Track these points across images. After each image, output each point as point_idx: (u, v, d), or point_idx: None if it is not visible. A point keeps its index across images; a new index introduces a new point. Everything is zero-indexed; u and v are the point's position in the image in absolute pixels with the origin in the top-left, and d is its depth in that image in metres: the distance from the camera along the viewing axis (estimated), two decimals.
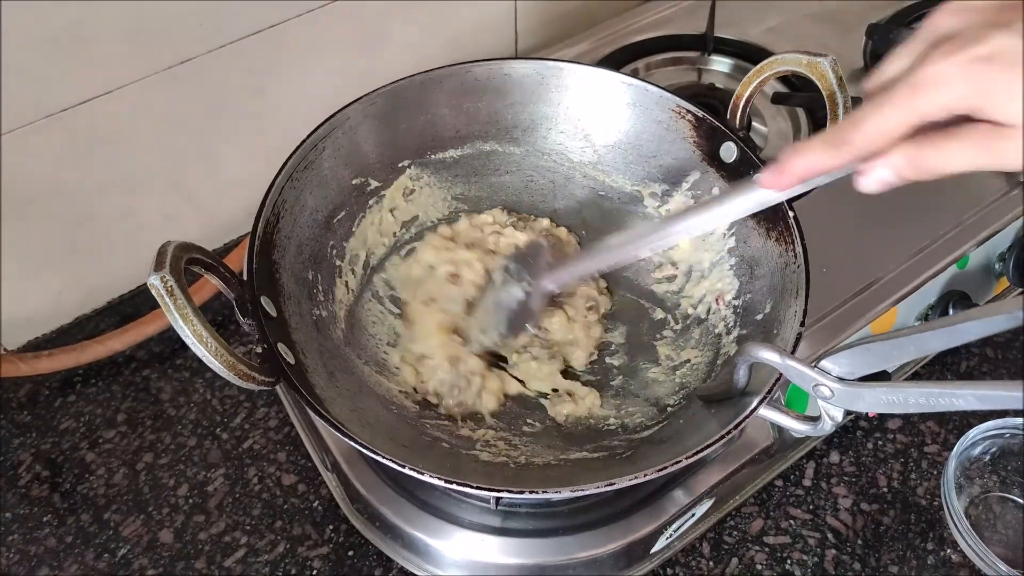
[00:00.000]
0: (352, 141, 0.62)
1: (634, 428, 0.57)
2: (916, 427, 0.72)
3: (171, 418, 0.73)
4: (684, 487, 0.60)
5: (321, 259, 0.60)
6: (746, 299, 0.59)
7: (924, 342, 0.39)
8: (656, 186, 0.66)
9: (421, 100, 0.64)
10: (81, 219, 0.74)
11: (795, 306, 0.52)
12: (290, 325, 0.53)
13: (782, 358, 0.46)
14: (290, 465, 0.69)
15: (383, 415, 0.55)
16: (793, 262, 0.55)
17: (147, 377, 0.75)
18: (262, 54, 0.74)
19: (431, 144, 0.66)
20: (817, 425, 0.49)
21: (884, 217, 0.74)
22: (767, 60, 0.58)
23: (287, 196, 0.57)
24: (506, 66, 0.65)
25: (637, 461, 0.51)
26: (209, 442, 0.71)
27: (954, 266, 0.71)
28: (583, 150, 0.68)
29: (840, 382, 0.44)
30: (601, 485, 0.45)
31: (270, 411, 0.73)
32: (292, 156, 0.58)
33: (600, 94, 0.65)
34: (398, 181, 0.66)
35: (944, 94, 0.35)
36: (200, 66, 0.71)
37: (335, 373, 0.54)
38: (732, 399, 0.51)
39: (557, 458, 0.54)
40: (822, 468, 0.69)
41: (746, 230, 0.60)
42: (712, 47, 0.89)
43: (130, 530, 0.65)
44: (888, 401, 0.43)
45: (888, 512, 0.67)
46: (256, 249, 0.53)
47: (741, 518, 0.67)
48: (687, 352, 0.61)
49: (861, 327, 0.67)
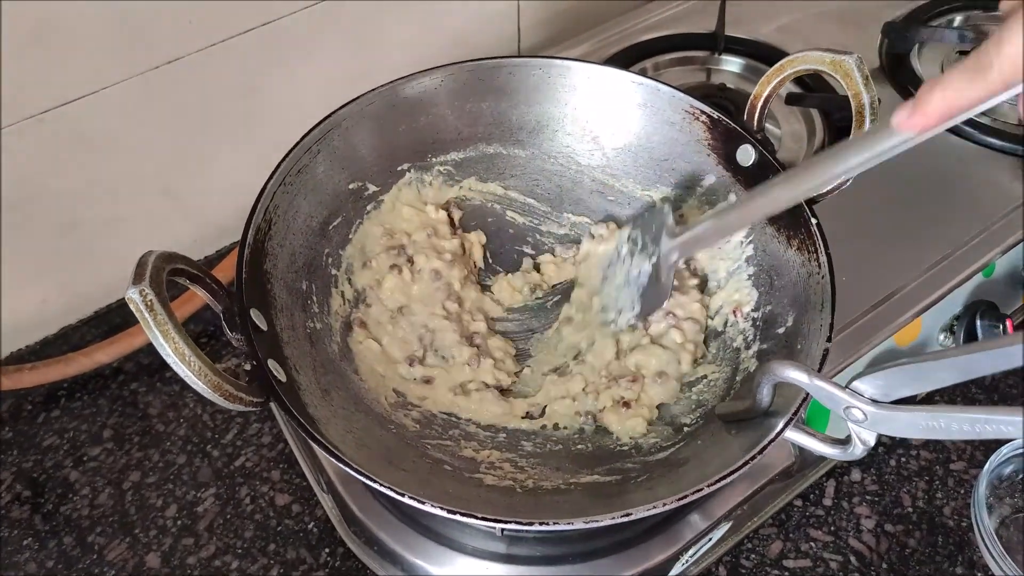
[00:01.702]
0: (348, 144, 0.59)
1: (648, 449, 0.53)
2: (941, 443, 0.68)
3: (160, 434, 0.69)
4: (701, 511, 0.56)
5: (316, 268, 0.57)
6: (766, 311, 0.55)
7: (973, 364, 0.36)
8: (669, 191, 0.63)
9: (421, 100, 0.61)
10: (65, 225, 0.71)
11: (820, 320, 0.49)
12: (282, 339, 0.50)
13: (810, 378, 0.43)
14: (284, 484, 0.66)
15: (381, 435, 0.52)
16: (817, 272, 0.51)
17: (135, 391, 0.72)
18: (254, 53, 0.71)
19: (432, 147, 0.63)
20: (847, 449, 0.45)
21: (905, 224, 0.71)
22: (787, 58, 0.55)
23: (279, 202, 0.54)
24: (510, 65, 0.62)
25: (654, 486, 0.48)
26: (199, 460, 0.68)
27: (980, 274, 0.67)
28: (591, 153, 0.65)
29: (874, 405, 0.41)
30: (617, 516, 0.42)
31: (263, 427, 0.70)
32: (285, 159, 0.55)
33: (609, 94, 0.62)
34: (397, 185, 0.63)
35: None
36: (189, 65, 0.68)
37: (330, 391, 0.51)
38: (754, 419, 0.48)
39: (567, 481, 0.51)
40: (843, 487, 0.66)
41: (765, 238, 0.57)
42: (723, 46, 0.86)
43: (115, 554, 0.62)
44: (927, 426, 0.39)
45: (914, 533, 0.64)
46: (246, 258, 0.50)
47: (759, 540, 0.63)
48: (703, 367, 0.58)
49: (884, 339, 0.64)
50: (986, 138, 0.76)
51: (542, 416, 0.57)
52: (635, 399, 0.56)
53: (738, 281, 0.58)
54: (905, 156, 0.77)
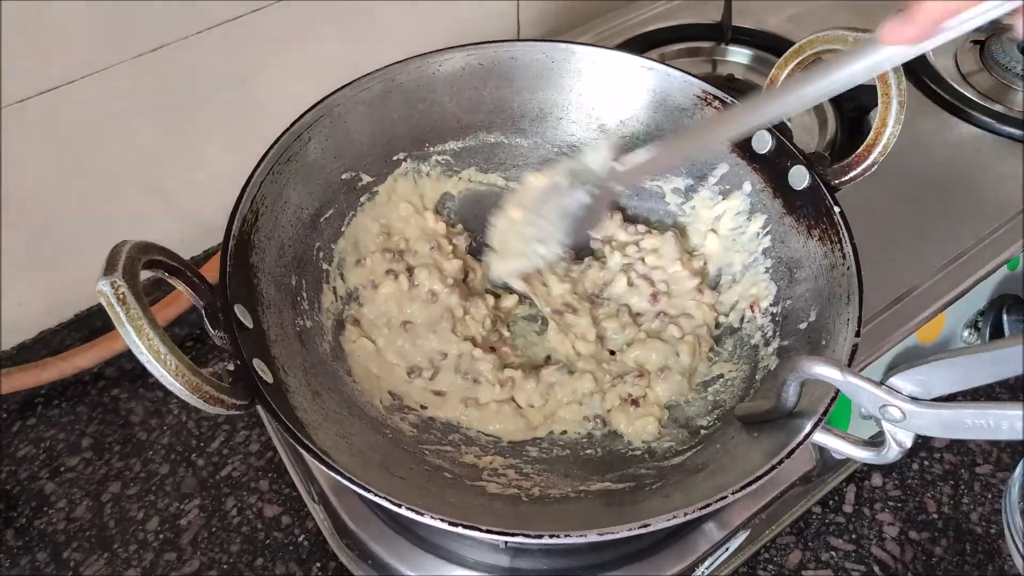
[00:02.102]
0: (341, 131, 0.55)
1: (663, 454, 0.50)
2: (965, 446, 0.65)
3: (142, 443, 0.66)
4: (717, 519, 0.53)
5: (306, 263, 0.54)
6: (786, 305, 0.52)
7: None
8: (679, 181, 0.60)
9: (418, 86, 0.58)
10: (44, 223, 0.67)
11: (847, 313, 0.46)
12: (269, 338, 0.47)
13: (843, 374, 0.39)
14: (273, 495, 0.62)
15: (376, 441, 0.48)
16: (841, 263, 0.48)
17: (116, 397, 0.68)
18: (244, 42, 0.68)
19: (429, 135, 0.60)
20: (881, 451, 0.42)
21: (924, 217, 0.68)
22: (806, 39, 0.52)
23: (268, 191, 0.51)
24: (512, 49, 0.59)
25: (671, 493, 0.44)
26: (183, 469, 0.64)
27: (1004, 268, 0.64)
28: (597, 141, 0.61)
29: (914, 402, 0.38)
30: (634, 527, 0.38)
31: (251, 434, 0.66)
32: (274, 146, 0.51)
33: (616, 80, 0.59)
34: (393, 176, 0.59)
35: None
36: (175, 53, 0.64)
37: (321, 393, 0.48)
38: (777, 420, 0.45)
39: (576, 489, 0.47)
40: (864, 492, 0.63)
41: (783, 228, 0.54)
42: (730, 36, 0.83)
43: (92, 570, 0.58)
44: (974, 425, 0.36)
45: (940, 541, 0.60)
46: (231, 251, 0.46)
47: (777, 550, 0.60)
48: (719, 366, 0.54)
49: (906, 335, 0.61)
50: (1004, 127, 0.73)
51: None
52: (643, 396, 0.53)
53: (755, 275, 0.55)
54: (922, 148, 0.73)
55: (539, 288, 0.58)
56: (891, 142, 0.48)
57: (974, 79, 0.79)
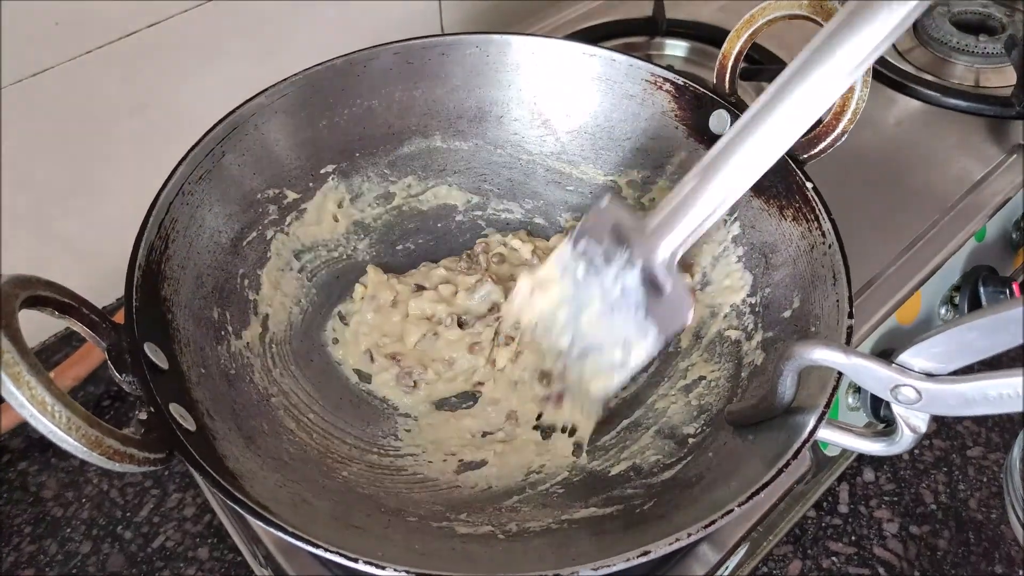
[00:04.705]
0: (259, 143, 0.49)
1: (650, 470, 0.45)
2: (952, 429, 0.62)
3: (57, 520, 0.57)
4: (715, 537, 0.48)
5: (229, 292, 0.47)
6: (765, 294, 0.48)
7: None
8: (635, 173, 0.56)
9: (343, 90, 0.52)
10: None
11: (835, 294, 0.42)
12: (189, 379, 0.40)
13: (848, 356, 0.35)
14: (214, 563, 0.55)
15: (326, 485, 0.42)
16: (821, 243, 0.44)
17: (24, 472, 0.60)
18: (141, 61, 0.61)
19: (359, 143, 0.54)
20: (893, 440, 0.38)
21: (884, 195, 0.66)
22: (759, 6, 0.48)
23: (178, 214, 0.44)
24: (442, 44, 0.54)
25: (666, 513, 0.39)
26: (108, 545, 0.56)
27: (972, 239, 0.62)
28: (543, 139, 0.57)
29: (930, 379, 0.34)
30: (633, 556, 0.33)
31: (185, 497, 0.58)
32: (182, 163, 0.45)
33: (558, 70, 0.55)
34: (322, 191, 0.53)
35: None
36: (59, 77, 0.57)
37: (255, 437, 0.41)
38: (773, 418, 0.40)
39: (558, 520, 0.42)
40: (857, 490, 0.59)
41: (752, 212, 0.50)
42: (665, 29, 0.80)
43: None
44: (999, 397, 0.32)
45: (942, 533, 0.57)
46: (136, 283, 0.40)
47: (775, 562, 0.55)
48: (699, 367, 0.49)
49: (885, 318, 0.57)
50: (948, 99, 0.72)
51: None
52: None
53: (727, 266, 0.51)
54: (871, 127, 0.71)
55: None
56: (860, 107, 0.45)
57: (912, 56, 0.78)
